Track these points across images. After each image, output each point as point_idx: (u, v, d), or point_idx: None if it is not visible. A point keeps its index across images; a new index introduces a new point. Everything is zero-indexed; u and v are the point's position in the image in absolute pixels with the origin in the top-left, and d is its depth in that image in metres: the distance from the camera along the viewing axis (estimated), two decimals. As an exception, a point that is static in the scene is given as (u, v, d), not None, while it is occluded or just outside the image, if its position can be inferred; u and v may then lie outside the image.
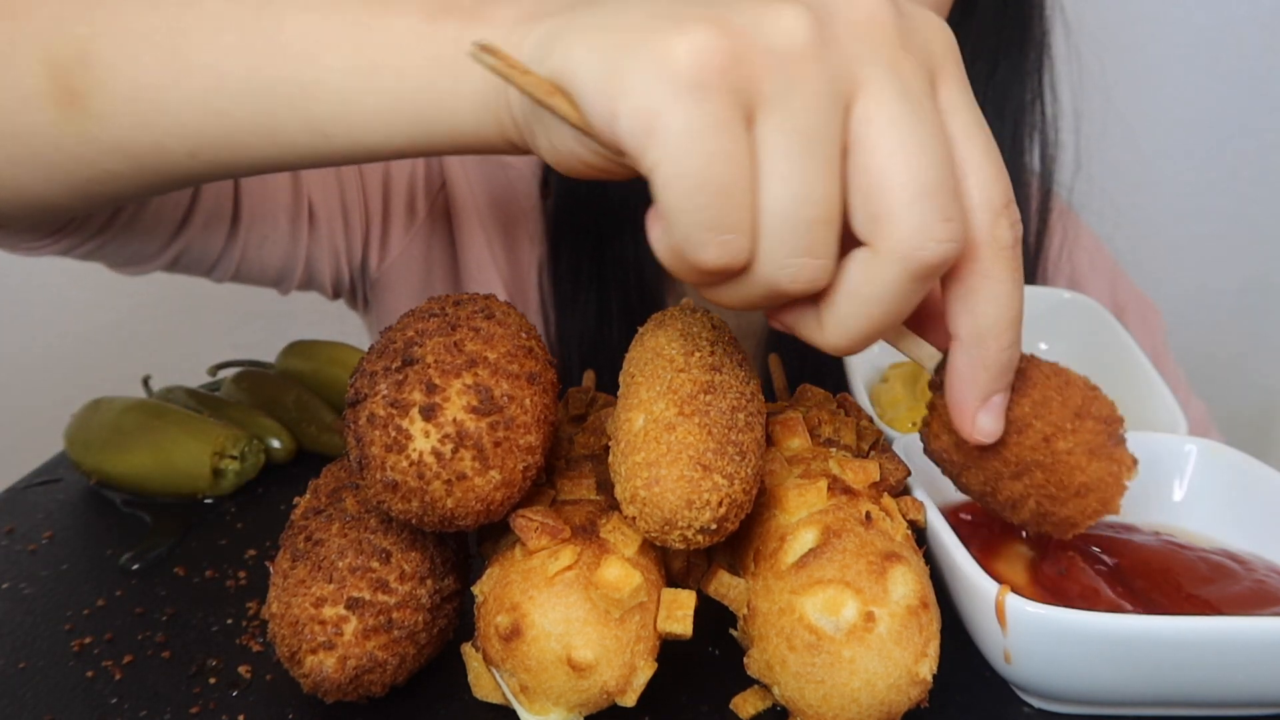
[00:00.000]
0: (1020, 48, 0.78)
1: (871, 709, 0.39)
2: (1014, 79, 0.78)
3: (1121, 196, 0.93)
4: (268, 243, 0.73)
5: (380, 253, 0.82)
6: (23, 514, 0.60)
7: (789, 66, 0.33)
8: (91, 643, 0.49)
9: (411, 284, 0.85)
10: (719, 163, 0.33)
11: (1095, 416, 0.41)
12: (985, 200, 0.36)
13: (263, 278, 0.77)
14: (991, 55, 0.77)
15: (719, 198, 0.33)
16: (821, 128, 0.34)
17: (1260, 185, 1.49)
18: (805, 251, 0.34)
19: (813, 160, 0.34)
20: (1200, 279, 1.51)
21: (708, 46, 0.32)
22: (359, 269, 0.84)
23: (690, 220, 0.34)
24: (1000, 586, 0.41)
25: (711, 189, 0.33)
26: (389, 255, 0.82)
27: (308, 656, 0.41)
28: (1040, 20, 0.79)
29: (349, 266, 0.83)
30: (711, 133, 0.33)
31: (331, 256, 0.80)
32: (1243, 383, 1.57)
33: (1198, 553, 0.47)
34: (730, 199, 0.33)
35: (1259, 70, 1.43)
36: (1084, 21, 0.82)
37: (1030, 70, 0.79)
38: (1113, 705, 0.43)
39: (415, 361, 0.40)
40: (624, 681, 0.40)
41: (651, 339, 0.46)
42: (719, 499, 0.38)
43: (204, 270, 0.73)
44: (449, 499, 0.39)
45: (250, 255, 0.73)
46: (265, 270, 0.76)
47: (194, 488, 0.61)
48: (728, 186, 0.33)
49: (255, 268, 0.75)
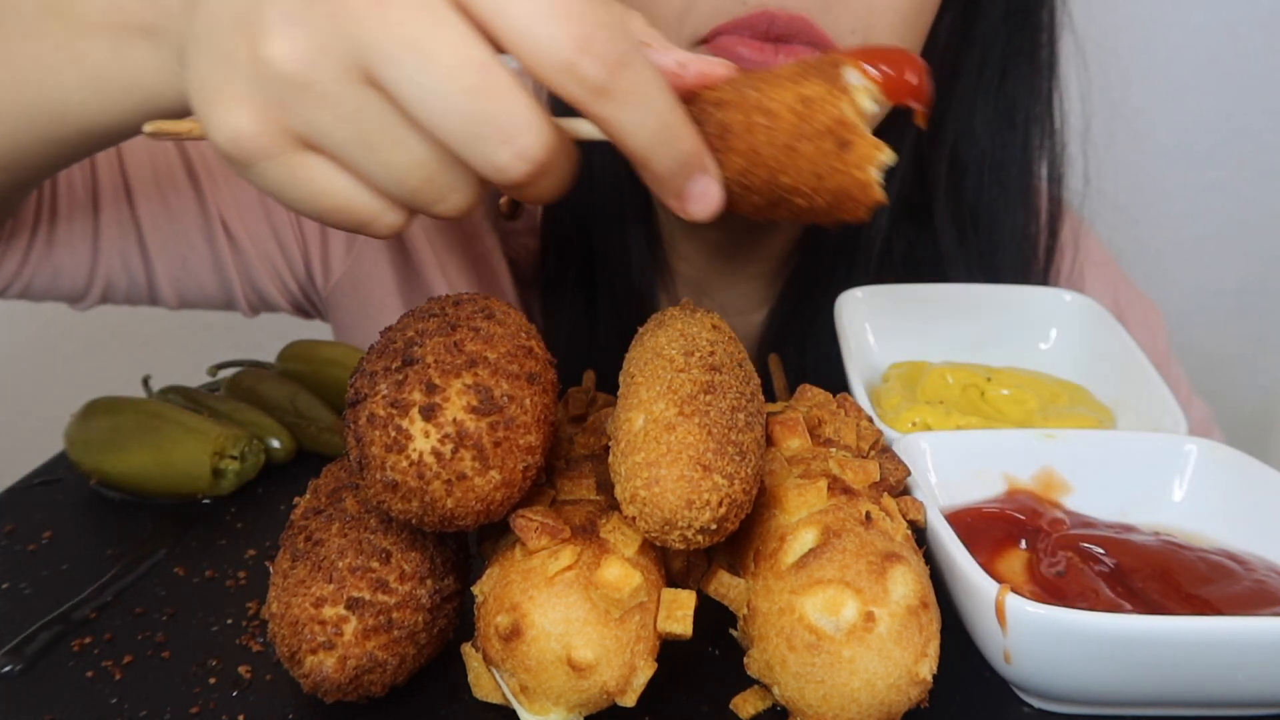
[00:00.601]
0: (1030, 57, 0.78)
1: (871, 709, 0.39)
2: (1023, 89, 0.78)
3: (1122, 196, 0.93)
4: (190, 263, 0.75)
5: (324, 272, 0.82)
6: (23, 514, 0.60)
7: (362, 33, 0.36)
8: (91, 643, 0.49)
9: (363, 301, 0.84)
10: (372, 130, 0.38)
11: (806, 136, 0.41)
12: (550, 60, 0.36)
13: (206, 298, 0.79)
14: (999, 65, 0.77)
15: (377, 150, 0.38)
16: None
17: (1260, 185, 1.49)
18: (434, 194, 0.39)
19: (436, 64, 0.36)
20: (1200, 279, 1.51)
21: (243, 126, 0.38)
22: (310, 288, 0.84)
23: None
24: (1000, 586, 0.41)
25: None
26: (333, 274, 0.82)
27: (308, 656, 0.41)
28: (1051, 29, 0.79)
29: (298, 285, 0.83)
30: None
31: (273, 277, 0.81)
32: (1243, 383, 1.57)
33: (1197, 553, 0.47)
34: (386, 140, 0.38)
35: (1259, 70, 1.43)
36: (1089, 25, 0.82)
37: (1041, 80, 0.79)
38: (1112, 705, 0.43)
39: (415, 361, 0.40)
40: (624, 681, 0.40)
41: (651, 339, 0.46)
42: (719, 499, 0.38)
43: (65, 294, 0.74)
44: (449, 499, 0.39)
45: (177, 274, 0.75)
46: (204, 290, 0.78)
47: (194, 488, 0.61)
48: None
49: (192, 288, 0.77)
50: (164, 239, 0.74)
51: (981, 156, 0.78)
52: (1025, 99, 0.78)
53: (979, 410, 0.59)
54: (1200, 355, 1.44)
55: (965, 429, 0.56)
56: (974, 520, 0.50)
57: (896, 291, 0.69)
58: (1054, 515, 0.50)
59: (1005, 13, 0.76)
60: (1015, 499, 0.52)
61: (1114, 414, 0.60)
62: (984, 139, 0.78)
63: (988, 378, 0.61)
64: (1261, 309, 1.57)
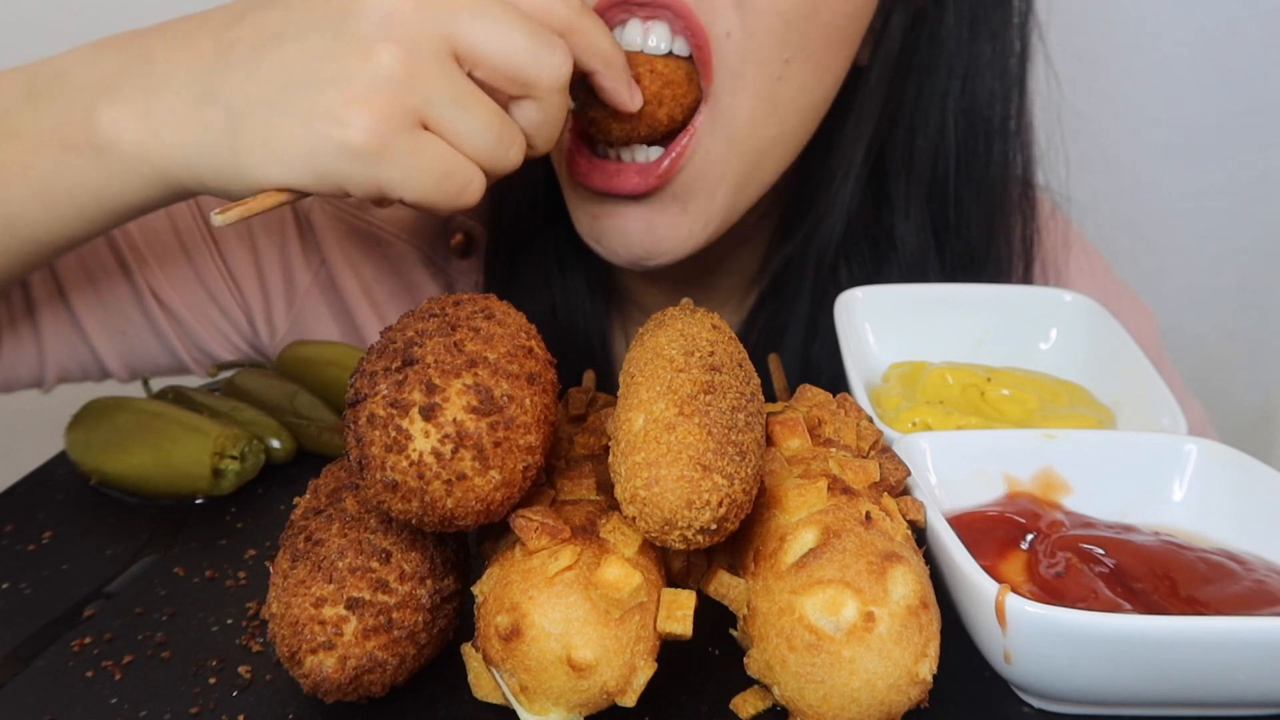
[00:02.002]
0: (998, 44, 0.75)
1: (871, 709, 0.39)
2: (992, 90, 0.76)
3: (1122, 197, 0.93)
4: (129, 337, 0.79)
5: (269, 329, 0.85)
6: (23, 514, 0.60)
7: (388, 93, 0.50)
8: (91, 643, 0.49)
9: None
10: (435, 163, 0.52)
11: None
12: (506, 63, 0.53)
13: (155, 366, 0.82)
14: (963, 67, 0.75)
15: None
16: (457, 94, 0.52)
17: (1260, 185, 1.49)
18: (507, 142, 0.54)
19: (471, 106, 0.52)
20: (1200, 279, 1.51)
21: (370, 126, 0.50)
22: (258, 342, 0.86)
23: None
24: (1000, 586, 0.41)
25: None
26: (277, 331, 0.85)
27: (308, 656, 0.41)
28: (1022, 31, 0.77)
29: (246, 342, 0.85)
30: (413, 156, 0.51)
31: (218, 339, 0.83)
32: (1243, 383, 1.57)
33: (1197, 553, 0.47)
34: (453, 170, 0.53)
35: (1259, 70, 1.43)
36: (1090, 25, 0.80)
37: (1011, 75, 0.77)
38: (1112, 705, 0.43)
39: (415, 362, 0.40)
40: (624, 681, 0.40)
41: (651, 339, 0.46)
42: (719, 499, 0.38)
43: (25, 386, 0.78)
44: (449, 499, 0.39)
45: (120, 350, 0.79)
46: (150, 358, 0.81)
47: (194, 488, 0.61)
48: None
49: (138, 360, 0.80)
50: (100, 322, 0.77)
51: (950, 160, 0.77)
52: (994, 100, 0.77)
53: (979, 410, 0.59)
54: (1200, 355, 1.44)
55: (965, 429, 0.56)
56: (975, 524, 0.50)
57: (896, 291, 0.69)
58: (1054, 517, 0.50)
59: (969, 15, 0.74)
60: (1015, 502, 0.52)
61: (1114, 414, 0.60)
62: (951, 142, 0.76)
63: (988, 378, 0.61)
64: (1261, 309, 1.57)
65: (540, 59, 0.53)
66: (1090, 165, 0.87)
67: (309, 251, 0.84)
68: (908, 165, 0.76)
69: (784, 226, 0.81)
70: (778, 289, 0.81)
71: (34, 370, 0.77)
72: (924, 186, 0.77)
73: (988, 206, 0.79)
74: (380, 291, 0.85)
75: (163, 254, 0.79)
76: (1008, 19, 0.76)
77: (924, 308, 0.68)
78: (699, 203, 0.67)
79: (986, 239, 0.79)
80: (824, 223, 0.76)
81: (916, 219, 0.77)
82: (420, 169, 0.51)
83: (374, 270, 0.84)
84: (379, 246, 0.84)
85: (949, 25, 0.74)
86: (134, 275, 0.78)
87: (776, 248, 0.81)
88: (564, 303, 0.82)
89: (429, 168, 0.51)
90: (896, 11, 0.72)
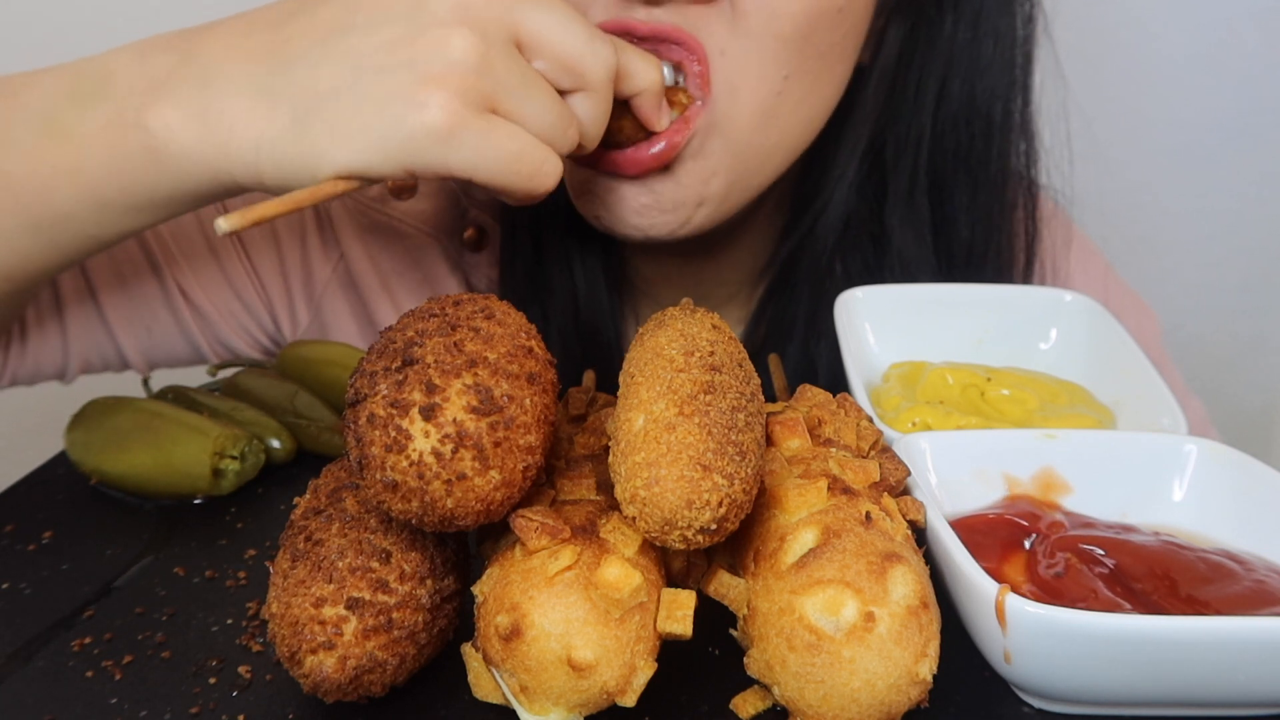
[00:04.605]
0: (1001, 45, 0.75)
1: (871, 709, 0.39)
2: (998, 79, 0.76)
3: (1122, 196, 0.93)
4: (154, 333, 0.80)
5: (290, 323, 0.86)
6: (23, 514, 0.60)
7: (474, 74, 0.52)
8: (91, 643, 0.49)
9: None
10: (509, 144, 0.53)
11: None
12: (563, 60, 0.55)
13: (174, 359, 0.83)
14: (964, 73, 0.75)
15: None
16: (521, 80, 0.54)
17: (1260, 185, 1.49)
18: (565, 125, 0.56)
19: (535, 93, 0.54)
20: (1200, 279, 1.51)
21: (446, 106, 0.51)
22: (279, 336, 0.87)
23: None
24: (1000, 586, 0.41)
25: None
26: (300, 325, 0.86)
27: (308, 656, 0.41)
28: (1027, 40, 0.77)
29: (267, 337, 0.86)
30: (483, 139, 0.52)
31: (240, 333, 0.84)
32: (1243, 383, 1.57)
33: (1197, 553, 0.47)
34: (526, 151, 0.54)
35: (1259, 70, 1.43)
36: (1090, 25, 0.81)
37: (1017, 72, 0.77)
38: (1112, 705, 0.43)
39: (415, 361, 0.40)
40: (624, 681, 0.40)
41: (651, 339, 0.46)
42: (719, 499, 0.38)
43: (49, 378, 0.79)
44: (449, 499, 0.39)
45: (144, 345, 0.80)
46: (172, 353, 0.82)
47: (194, 488, 0.61)
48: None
49: (159, 354, 0.81)
50: (126, 318, 0.78)
51: (949, 157, 0.77)
52: (995, 99, 0.77)
53: (979, 410, 0.59)
54: (1201, 354, 1.44)
55: (965, 429, 0.56)
56: (976, 526, 0.50)
57: (896, 291, 0.69)
58: (1053, 518, 0.50)
59: (972, 17, 0.74)
60: (1016, 505, 0.52)
61: (1114, 414, 0.60)
62: (951, 140, 0.76)
63: (988, 378, 0.61)
64: (1262, 308, 1.57)
65: (597, 51, 0.55)
66: (1092, 165, 0.87)
67: (328, 245, 0.84)
68: (908, 163, 0.77)
69: (791, 220, 0.81)
70: (784, 283, 0.81)
71: (58, 364, 0.77)
72: (924, 184, 0.77)
73: (988, 205, 0.79)
74: (399, 284, 0.85)
75: (191, 252, 0.80)
76: (1011, 20, 0.76)
77: (924, 308, 0.68)
78: (694, 179, 0.68)
79: (987, 237, 0.79)
80: (822, 219, 0.76)
81: (916, 216, 0.78)
82: (494, 150, 0.52)
83: (393, 263, 0.84)
84: (398, 240, 0.84)
85: (950, 26, 0.74)
86: (163, 273, 0.78)
87: (783, 242, 0.81)
88: (587, 296, 0.82)
89: (502, 148, 0.52)
90: (897, 15, 0.72)
